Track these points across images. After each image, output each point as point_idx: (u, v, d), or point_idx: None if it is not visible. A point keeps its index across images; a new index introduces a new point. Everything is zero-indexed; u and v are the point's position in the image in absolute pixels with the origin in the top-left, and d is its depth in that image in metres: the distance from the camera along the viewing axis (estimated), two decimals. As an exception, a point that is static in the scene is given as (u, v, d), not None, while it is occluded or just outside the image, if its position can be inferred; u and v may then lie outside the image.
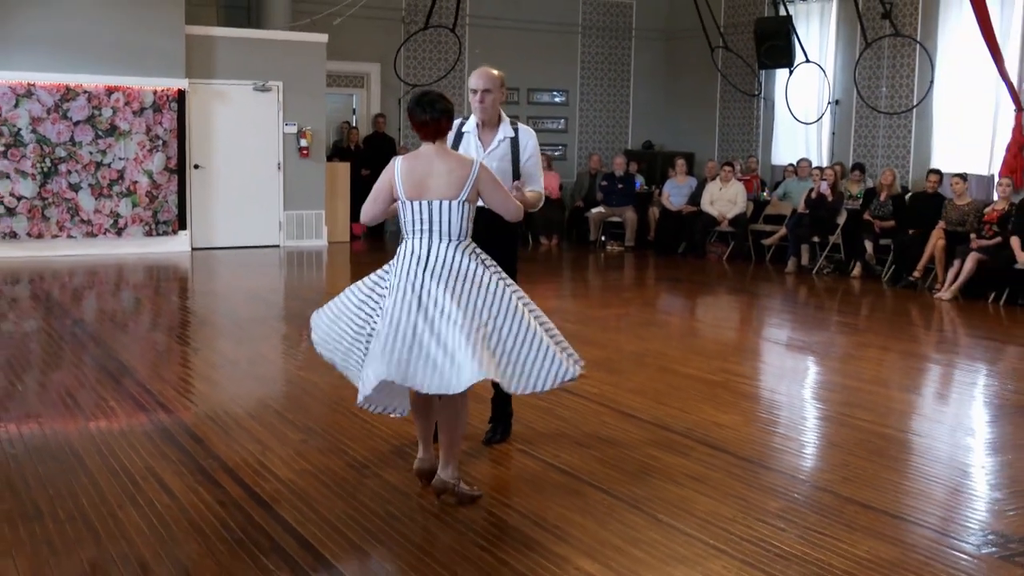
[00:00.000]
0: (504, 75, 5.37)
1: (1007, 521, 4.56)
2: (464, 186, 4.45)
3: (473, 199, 4.52)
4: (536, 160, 5.32)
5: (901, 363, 8.29)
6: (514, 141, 5.26)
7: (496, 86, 5.21)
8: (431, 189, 4.46)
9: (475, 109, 5.23)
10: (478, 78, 5.20)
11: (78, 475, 4.82)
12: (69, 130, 13.03)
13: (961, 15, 13.11)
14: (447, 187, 4.45)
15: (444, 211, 4.44)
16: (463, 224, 4.49)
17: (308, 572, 3.81)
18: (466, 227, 4.52)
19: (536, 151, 5.32)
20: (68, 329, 8.52)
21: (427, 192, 4.46)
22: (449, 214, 4.45)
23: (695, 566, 3.93)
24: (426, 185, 4.46)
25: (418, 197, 4.47)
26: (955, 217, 11.67)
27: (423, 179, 4.48)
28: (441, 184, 4.45)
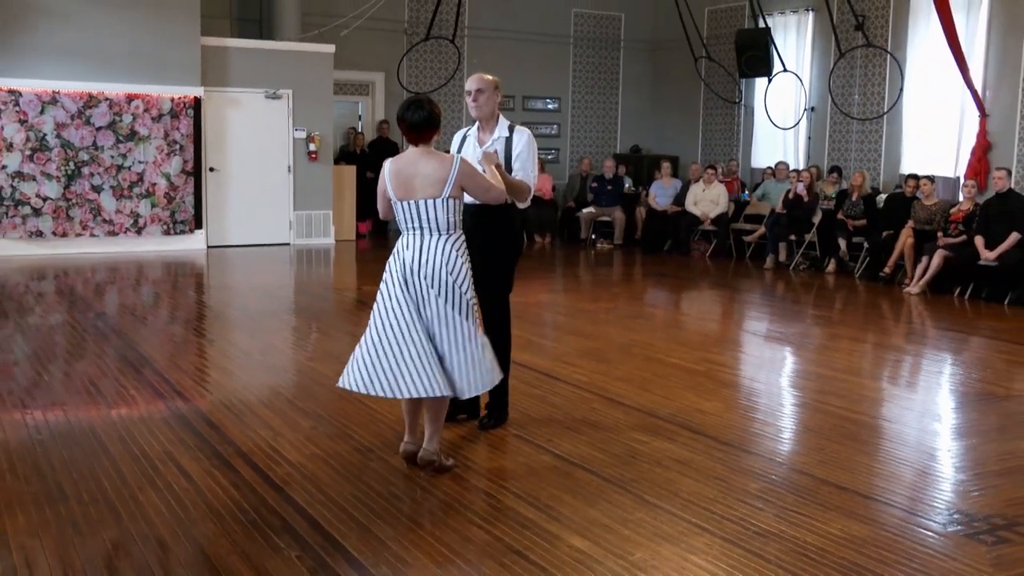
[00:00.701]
0: (499, 80, 5.43)
1: (971, 501, 4.57)
2: (446, 184, 4.55)
3: (457, 194, 4.61)
4: (527, 156, 5.31)
5: (872, 353, 8.30)
6: (508, 140, 5.31)
7: (489, 87, 5.30)
8: (417, 189, 4.57)
9: (471, 109, 5.34)
10: (471, 81, 5.36)
11: (101, 459, 4.82)
12: (92, 135, 12.99)
13: (929, 27, 13.10)
14: (431, 186, 4.55)
15: (431, 208, 4.57)
16: (449, 218, 4.60)
17: (317, 550, 3.81)
18: (453, 220, 4.63)
19: (528, 148, 5.32)
20: (91, 322, 8.50)
21: (414, 192, 4.58)
22: (435, 211, 4.57)
23: (679, 543, 3.94)
24: (412, 185, 4.58)
25: (406, 197, 4.59)
26: (923, 217, 11.67)
27: (409, 180, 4.58)
28: (426, 184, 4.56)
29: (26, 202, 12.70)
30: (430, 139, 4.66)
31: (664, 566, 3.73)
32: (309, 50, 14.57)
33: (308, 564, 3.69)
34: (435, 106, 4.65)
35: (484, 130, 5.39)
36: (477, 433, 5.37)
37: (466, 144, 5.41)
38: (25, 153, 12.65)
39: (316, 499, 4.33)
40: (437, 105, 4.68)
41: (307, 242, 14.73)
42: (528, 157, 5.32)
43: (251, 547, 3.83)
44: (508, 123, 5.39)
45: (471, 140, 5.41)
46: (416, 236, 4.63)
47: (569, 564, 3.72)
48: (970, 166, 12.76)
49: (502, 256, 5.45)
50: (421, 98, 4.66)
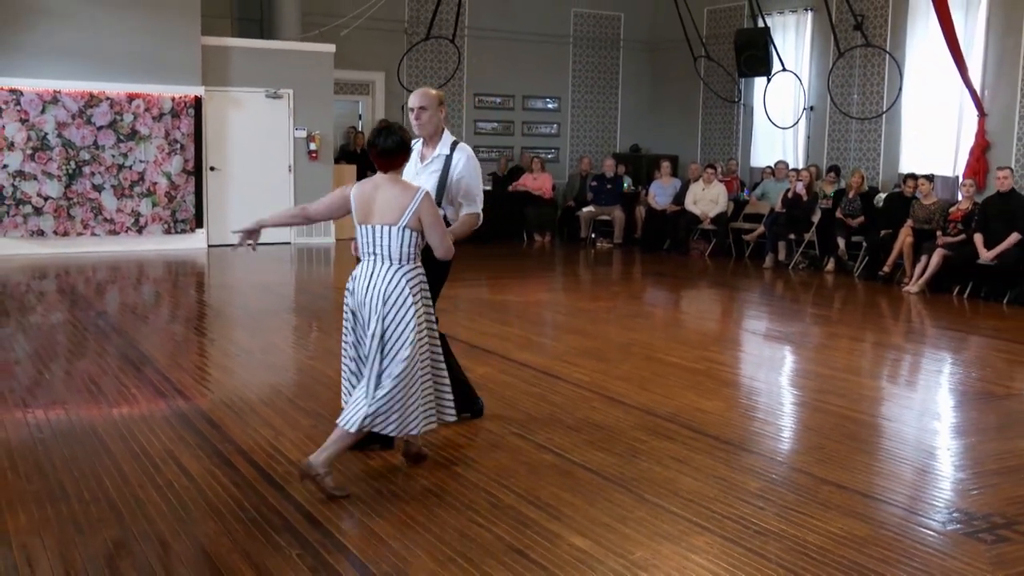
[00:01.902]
0: (443, 95, 5.30)
1: (971, 500, 4.57)
2: (405, 213, 4.40)
3: (415, 226, 4.44)
4: (470, 179, 5.15)
5: (872, 352, 8.30)
6: (448, 159, 5.14)
7: (432, 104, 5.12)
8: (375, 214, 4.47)
9: (414, 127, 5.19)
10: (415, 97, 5.15)
11: (102, 458, 4.81)
12: (93, 134, 12.99)
13: (928, 27, 13.09)
14: (389, 212, 4.43)
15: (386, 235, 4.44)
16: (404, 249, 4.44)
17: (318, 548, 3.80)
18: (409, 252, 4.46)
19: (469, 169, 5.15)
20: (92, 321, 8.50)
21: (372, 217, 4.48)
22: (390, 239, 4.43)
23: (680, 542, 3.93)
24: (372, 210, 4.48)
25: (365, 221, 4.50)
26: (922, 216, 11.67)
27: (370, 204, 4.49)
28: (385, 210, 4.44)
29: (27, 201, 12.69)
30: (400, 166, 4.55)
31: (664, 565, 3.72)
32: (309, 50, 14.57)
33: (309, 562, 3.68)
34: (406, 133, 4.55)
35: (427, 146, 5.23)
36: (477, 431, 5.36)
37: (412, 160, 5.21)
38: (26, 152, 12.64)
39: (317, 497, 4.31)
40: (408, 132, 4.59)
41: (308, 241, 14.72)
42: (472, 180, 5.16)
43: (252, 545, 3.82)
44: (452, 140, 5.22)
45: (414, 156, 5.21)
46: (371, 262, 4.51)
47: (569, 563, 3.71)
48: (969, 165, 12.75)
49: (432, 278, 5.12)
50: (392, 125, 4.55)
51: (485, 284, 11.25)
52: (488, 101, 17.25)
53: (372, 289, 4.45)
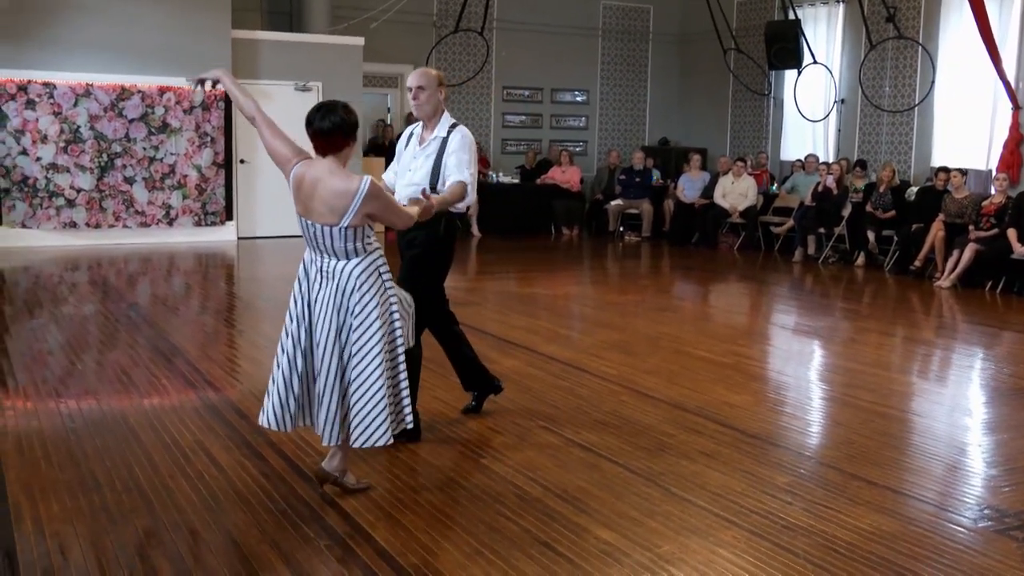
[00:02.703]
0: (442, 75, 5.16)
1: (1002, 496, 4.52)
2: (347, 213, 3.95)
3: (359, 222, 4.00)
4: (460, 155, 4.95)
5: (902, 347, 8.23)
6: (444, 141, 5.00)
7: (430, 84, 4.98)
8: (315, 211, 4.01)
9: (412, 107, 5.12)
10: (412, 76, 5.03)
11: (133, 448, 4.86)
12: (124, 127, 13.09)
13: (961, 18, 12.95)
14: (330, 213, 3.97)
15: (327, 235, 4.02)
16: (349, 245, 4.04)
17: (346, 540, 3.83)
18: (356, 247, 4.05)
19: (462, 147, 4.96)
20: (123, 312, 8.57)
21: (312, 213, 4.03)
22: (332, 239, 4.03)
23: (707, 536, 3.92)
24: (311, 206, 4.02)
25: (306, 216, 4.07)
26: (954, 210, 11.55)
27: (310, 197, 4.02)
28: (324, 209, 3.98)
29: (60, 193, 12.82)
30: (340, 150, 4.04)
31: (691, 559, 3.71)
32: (339, 43, 14.61)
33: (337, 553, 3.70)
34: (350, 112, 4.05)
35: (426, 128, 5.10)
36: (505, 424, 5.37)
37: (411, 143, 5.16)
38: (59, 145, 12.77)
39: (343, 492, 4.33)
40: (354, 112, 4.08)
41: (336, 234, 14.76)
42: (462, 154, 4.96)
43: (281, 536, 3.85)
44: (451, 122, 5.07)
45: (414, 139, 5.15)
46: (317, 256, 4.14)
47: (596, 556, 3.71)
48: (1002, 159, 12.61)
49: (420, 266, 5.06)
50: (335, 102, 4.07)
51: (513, 277, 11.25)
52: (516, 94, 17.23)
53: (325, 289, 4.11)
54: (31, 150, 12.62)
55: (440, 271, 5.18)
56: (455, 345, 5.42)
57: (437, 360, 5.64)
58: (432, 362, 5.81)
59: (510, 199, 15.76)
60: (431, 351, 5.43)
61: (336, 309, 4.09)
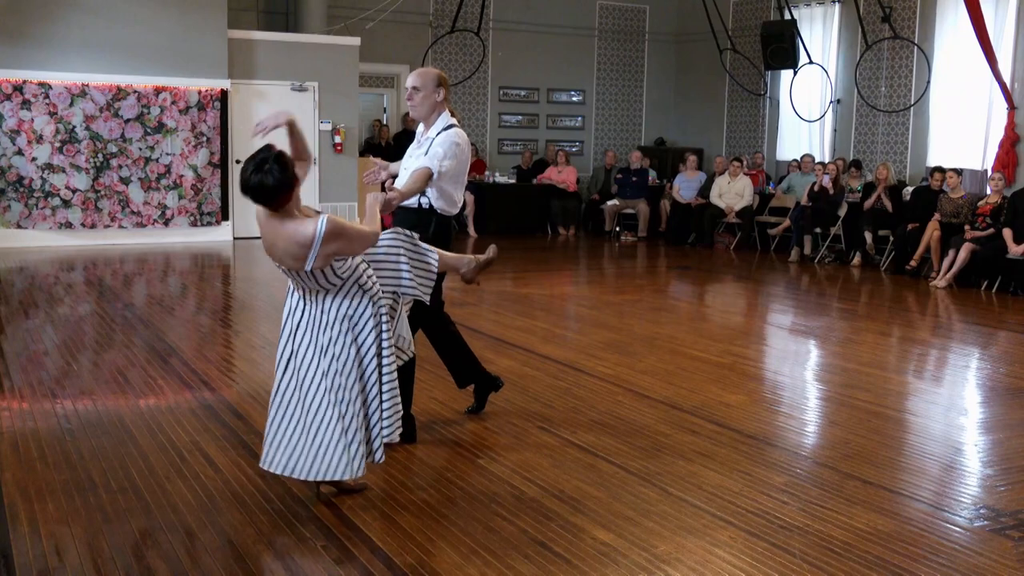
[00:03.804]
0: (444, 74, 5.04)
1: (998, 496, 4.53)
2: (308, 257, 3.86)
3: (323, 264, 3.90)
4: (436, 148, 4.86)
5: (898, 347, 8.24)
6: (432, 141, 4.94)
7: (426, 84, 4.90)
8: (278, 258, 3.96)
9: (408, 107, 5.07)
10: (410, 77, 4.96)
11: (129, 449, 4.86)
12: (120, 127, 13.09)
13: (957, 18, 12.98)
14: (292, 260, 3.91)
15: (298, 275, 4.00)
16: (322, 281, 4.00)
17: (342, 540, 3.82)
18: (330, 281, 4.00)
19: (441, 150, 4.85)
20: (119, 312, 8.57)
21: (276, 258, 3.98)
22: (304, 279, 4.00)
23: (703, 536, 3.92)
24: (275, 253, 3.96)
25: (273, 258, 4.00)
26: (950, 210, 11.57)
27: (272, 246, 3.95)
28: (287, 257, 3.91)
29: (56, 194, 12.81)
30: (286, 203, 3.85)
31: (688, 559, 3.71)
32: (335, 43, 14.61)
33: (333, 554, 3.70)
34: (285, 161, 3.79)
35: (426, 128, 5.04)
36: (503, 425, 5.37)
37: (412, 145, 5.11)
38: (55, 145, 12.75)
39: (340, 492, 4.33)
40: (287, 161, 3.81)
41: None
42: (438, 148, 4.85)
43: (277, 537, 3.85)
44: (448, 123, 4.98)
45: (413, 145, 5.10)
46: (297, 291, 4.16)
47: (593, 556, 3.71)
48: (998, 159, 12.64)
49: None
50: (265, 155, 3.76)
51: (509, 277, 11.25)
52: (513, 94, 17.24)
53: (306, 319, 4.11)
54: (27, 150, 12.61)
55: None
56: (450, 346, 5.36)
57: (433, 360, 5.65)
58: (428, 362, 5.82)
59: (506, 199, 15.77)
60: (426, 351, 5.43)
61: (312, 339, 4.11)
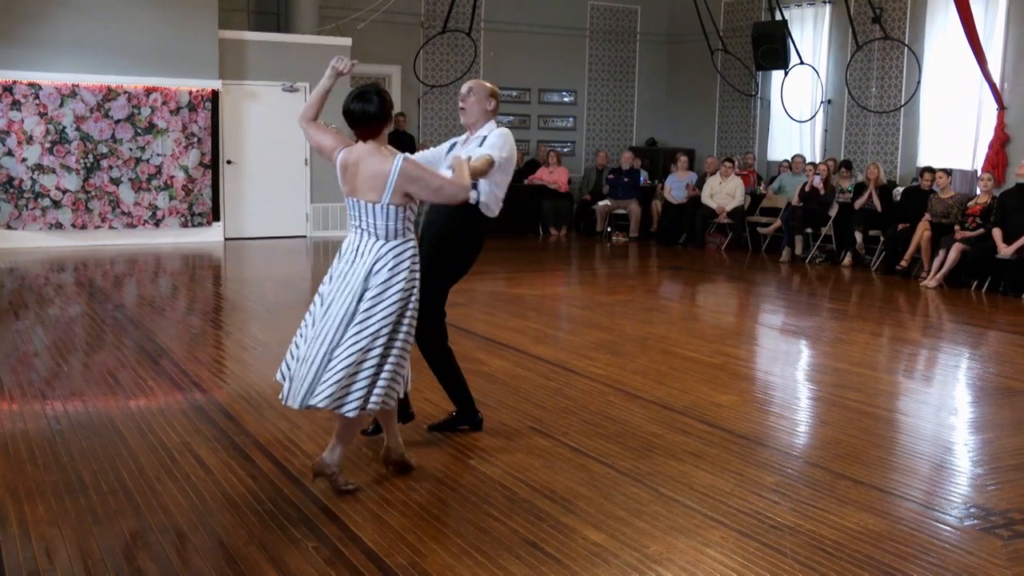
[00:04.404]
0: (496, 89, 5.20)
1: (988, 495, 4.55)
2: (385, 189, 4.19)
3: (400, 200, 4.21)
4: (492, 143, 4.94)
5: (889, 347, 8.26)
6: (485, 139, 5.02)
7: (480, 91, 5.06)
8: (359, 189, 4.26)
9: (460, 114, 5.16)
10: (466, 84, 5.15)
11: (119, 450, 4.84)
12: (110, 128, 13.05)
13: (947, 19, 13.01)
14: (371, 190, 4.22)
15: (371, 212, 4.24)
16: (391, 224, 4.24)
17: (333, 541, 3.82)
18: (396, 227, 4.25)
19: (498, 141, 4.95)
20: (110, 313, 8.54)
21: (357, 191, 4.27)
22: (375, 216, 4.24)
23: (695, 536, 3.93)
24: (355, 185, 4.27)
25: (351, 194, 4.30)
26: (940, 210, 11.61)
27: (353, 177, 4.28)
28: (366, 187, 4.23)
29: (46, 194, 12.77)
30: (377, 134, 4.27)
31: (679, 559, 3.72)
32: (326, 43, 14.56)
33: (324, 555, 3.70)
34: (384, 96, 4.27)
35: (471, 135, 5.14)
36: (495, 425, 5.36)
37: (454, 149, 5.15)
38: (45, 146, 12.71)
39: (332, 490, 4.33)
40: (388, 95, 4.31)
41: (324, 234, 14.75)
42: (497, 142, 4.95)
43: (268, 538, 3.84)
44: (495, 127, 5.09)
45: (458, 147, 5.14)
46: (358, 236, 4.32)
47: (584, 556, 3.71)
48: (987, 159, 12.68)
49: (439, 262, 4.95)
50: (368, 88, 4.29)
51: (501, 277, 11.25)
52: (504, 94, 17.19)
53: (356, 265, 4.25)
54: (16, 151, 12.57)
55: (443, 273, 4.99)
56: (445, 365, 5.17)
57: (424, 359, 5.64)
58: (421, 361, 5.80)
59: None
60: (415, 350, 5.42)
61: (362, 281, 4.22)
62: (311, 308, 4.38)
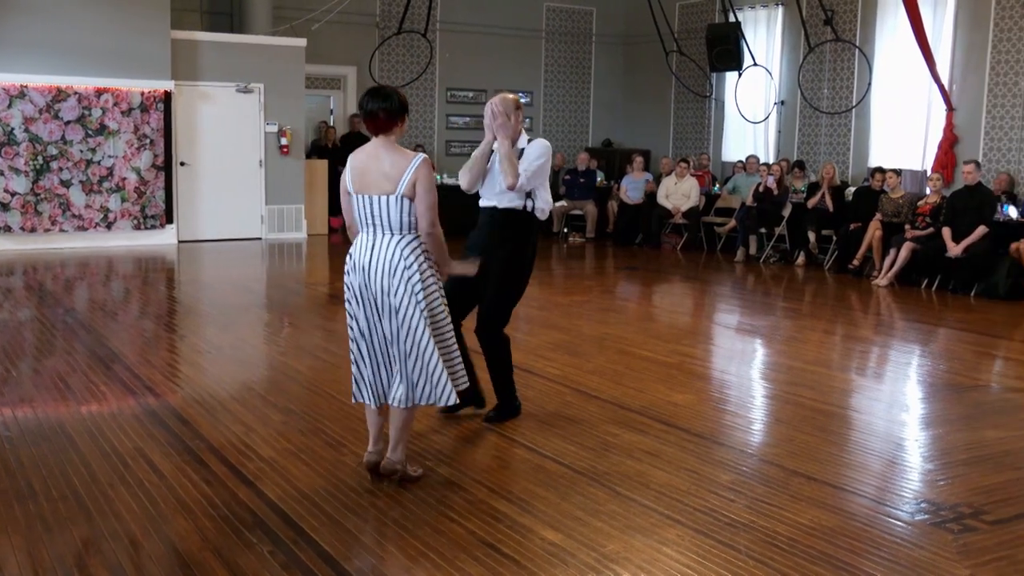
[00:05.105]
0: (519, 99, 5.49)
1: (938, 490, 4.62)
2: (401, 180, 4.26)
3: (411, 194, 4.29)
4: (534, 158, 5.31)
5: (842, 345, 8.36)
6: (523, 152, 5.35)
7: (508, 110, 5.30)
8: (372, 184, 4.31)
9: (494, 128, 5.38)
10: (488, 105, 5.38)
11: (70, 456, 4.77)
12: (60, 129, 12.86)
13: (897, 21, 13.21)
14: (386, 181, 4.28)
15: (384, 206, 4.29)
16: (404, 219, 4.30)
17: (289, 545, 3.79)
18: (410, 221, 4.32)
19: (538, 153, 5.34)
20: (60, 318, 8.42)
21: (369, 187, 4.32)
22: (388, 209, 4.29)
23: (651, 535, 3.95)
24: (368, 180, 4.33)
25: (363, 191, 4.34)
26: (890, 209, 11.77)
27: (366, 173, 4.34)
28: (381, 179, 4.29)
29: (-6, 197, 12.56)
30: (391, 130, 4.36)
31: (636, 558, 3.74)
32: (280, 44, 14.48)
33: (280, 559, 3.67)
34: (400, 95, 4.39)
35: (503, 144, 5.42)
36: (450, 426, 5.36)
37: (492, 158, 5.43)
38: (-7, 147, 12.50)
39: (288, 494, 4.30)
40: (403, 95, 4.43)
41: (279, 236, 14.65)
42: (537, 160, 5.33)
43: (223, 543, 3.81)
44: (528, 138, 5.47)
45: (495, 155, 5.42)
46: (369, 234, 4.37)
47: (542, 556, 3.72)
48: (937, 159, 12.88)
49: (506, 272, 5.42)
50: (385, 87, 4.43)
51: (458, 279, 11.22)
52: (460, 96, 17.23)
53: (375, 262, 4.31)
54: (-37, 153, 12.35)
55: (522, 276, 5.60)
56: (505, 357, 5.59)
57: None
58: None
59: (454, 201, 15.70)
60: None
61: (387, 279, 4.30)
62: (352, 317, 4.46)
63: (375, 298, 4.35)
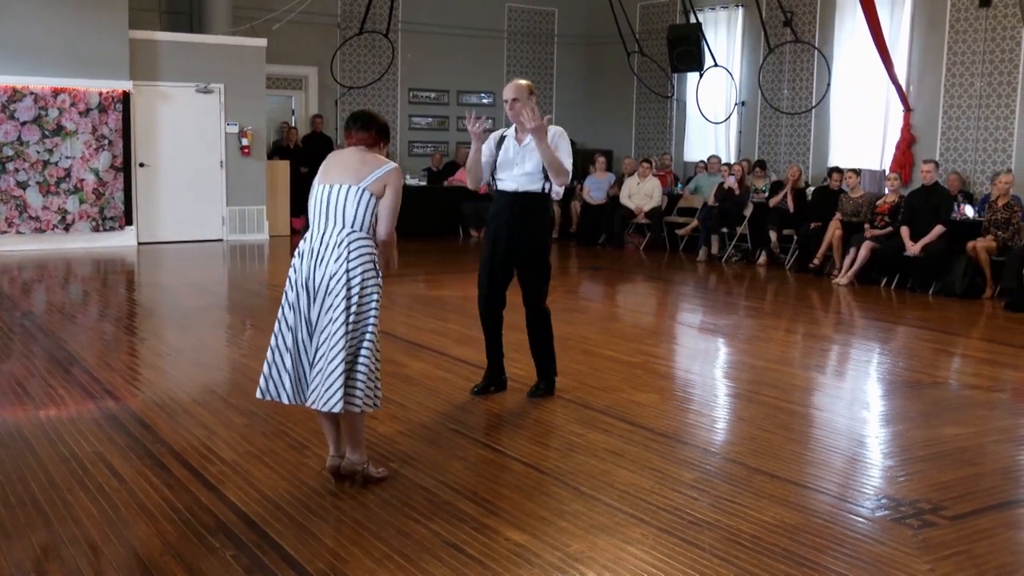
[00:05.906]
0: (532, 84, 5.69)
1: (898, 486, 4.67)
2: (369, 176, 4.31)
3: (377, 191, 4.31)
4: (559, 142, 5.58)
5: (803, 343, 8.44)
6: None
7: (523, 95, 5.53)
8: (335, 176, 4.36)
9: (510, 116, 5.64)
10: (507, 89, 5.62)
11: (28, 461, 4.70)
12: (16, 130, 12.68)
13: (855, 23, 13.36)
14: (353, 174, 4.32)
15: (342, 196, 4.30)
16: (359, 213, 4.29)
17: (253, 549, 3.76)
18: (364, 218, 4.30)
19: (556, 137, 5.57)
20: (17, 321, 8.29)
21: (331, 178, 4.36)
22: (346, 200, 4.29)
23: (616, 534, 3.96)
24: (333, 174, 4.38)
25: (324, 182, 4.38)
26: (850, 209, 11.90)
27: (334, 168, 4.42)
28: (348, 172, 4.34)
29: (-52, 199, 12.36)
30: (370, 146, 4.46)
31: (600, 557, 3.74)
32: (241, 44, 14.37)
33: (244, 563, 3.64)
34: (381, 121, 4.53)
35: (521, 131, 5.64)
36: (414, 427, 5.35)
37: (505, 144, 5.71)
38: (-53, 148, 12.30)
39: (251, 497, 4.27)
40: (384, 120, 4.57)
41: (240, 238, 14.54)
42: (560, 144, 5.57)
43: (185, 547, 3.77)
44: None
45: (510, 139, 5.71)
46: (321, 223, 4.33)
47: (506, 557, 3.72)
48: (895, 159, 13.06)
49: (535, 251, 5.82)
50: (368, 113, 4.54)
51: (422, 280, 11.21)
52: (423, 96, 17.19)
53: (327, 254, 4.26)
54: (-84, 154, 12.14)
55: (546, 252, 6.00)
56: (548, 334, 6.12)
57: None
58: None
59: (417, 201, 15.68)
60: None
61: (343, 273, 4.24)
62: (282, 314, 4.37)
63: (316, 286, 4.28)
